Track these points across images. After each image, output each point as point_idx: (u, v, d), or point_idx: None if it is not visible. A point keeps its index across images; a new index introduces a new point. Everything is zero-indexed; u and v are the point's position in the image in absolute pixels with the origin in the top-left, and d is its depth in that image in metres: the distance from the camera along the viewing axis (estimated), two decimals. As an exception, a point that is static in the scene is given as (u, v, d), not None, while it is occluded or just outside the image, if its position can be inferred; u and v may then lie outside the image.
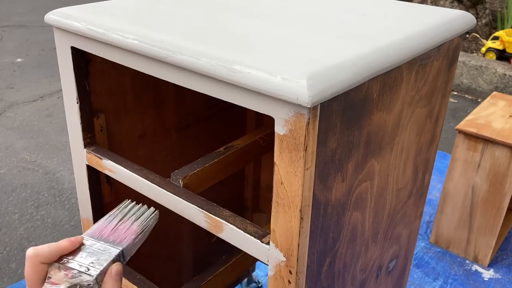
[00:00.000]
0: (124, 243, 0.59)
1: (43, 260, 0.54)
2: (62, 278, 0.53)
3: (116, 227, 0.61)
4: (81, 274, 0.53)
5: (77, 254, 0.56)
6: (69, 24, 0.74)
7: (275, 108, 0.55)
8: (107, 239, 0.59)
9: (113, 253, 0.56)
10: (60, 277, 0.53)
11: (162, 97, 1.03)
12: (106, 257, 0.56)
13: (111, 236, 0.59)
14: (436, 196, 2.06)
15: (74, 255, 0.56)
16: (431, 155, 0.94)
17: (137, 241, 0.61)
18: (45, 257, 0.54)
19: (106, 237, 0.59)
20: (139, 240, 0.61)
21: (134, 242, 0.60)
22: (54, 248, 0.55)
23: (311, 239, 0.63)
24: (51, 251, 0.54)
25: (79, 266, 0.54)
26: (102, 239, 0.58)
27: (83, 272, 0.53)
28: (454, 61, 0.87)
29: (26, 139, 2.55)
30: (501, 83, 3.11)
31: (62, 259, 0.55)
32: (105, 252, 0.56)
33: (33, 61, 3.61)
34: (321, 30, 0.71)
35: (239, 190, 1.39)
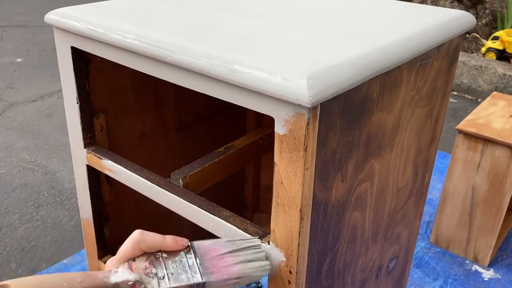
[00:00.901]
0: (213, 277, 0.56)
1: (144, 248, 0.56)
2: (140, 269, 0.54)
3: (222, 256, 0.57)
4: (154, 277, 0.54)
5: (170, 257, 0.56)
6: (69, 24, 0.74)
7: (275, 108, 0.55)
8: (204, 261, 0.57)
9: (195, 279, 0.55)
10: (140, 266, 0.55)
11: (162, 97, 1.03)
12: (185, 278, 0.55)
13: (210, 261, 0.57)
14: (436, 196, 2.06)
15: (169, 255, 0.56)
16: (431, 155, 0.94)
17: (228, 283, 0.57)
18: (147, 246, 0.56)
19: (205, 259, 0.57)
20: (231, 284, 0.57)
21: (223, 282, 0.56)
22: (158, 242, 0.56)
23: (311, 239, 0.63)
24: (155, 244, 0.56)
25: (160, 269, 0.55)
26: (201, 258, 0.57)
27: (158, 277, 0.54)
28: (454, 61, 0.87)
29: (26, 139, 2.55)
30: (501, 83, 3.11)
31: (158, 252, 0.56)
32: (190, 272, 0.55)
33: (33, 61, 3.61)
34: (321, 30, 0.71)
35: (239, 190, 1.39)
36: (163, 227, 1.16)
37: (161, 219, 1.13)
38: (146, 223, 1.09)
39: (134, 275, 0.54)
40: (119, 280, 0.53)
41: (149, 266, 0.55)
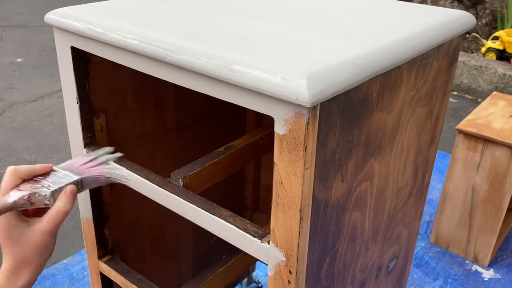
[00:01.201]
0: (85, 174, 0.73)
1: (20, 174, 0.67)
2: (27, 188, 0.67)
3: (84, 164, 0.74)
4: (42, 187, 0.67)
5: (46, 177, 0.70)
6: (69, 24, 0.74)
7: (275, 108, 0.55)
8: (73, 170, 0.72)
9: (72, 178, 0.71)
10: (26, 187, 0.67)
11: (162, 97, 1.03)
12: (66, 181, 0.70)
13: (77, 169, 0.73)
14: (436, 196, 2.06)
15: (44, 177, 0.70)
16: (431, 155, 0.94)
17: (98, 179, 0.75)
18: (22, 172, 0.68)
19: (72, 169, 0.73)
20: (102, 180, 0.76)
21: (94, 178, 0.74)
22: (29, 167, 0.69)
23: (311, 239, 0.63)
24: (28, 169, 0.69)
25: (43, 183, 0.68)
26: (69, 170, 0.72)
27: (45, 186, 0.68)
28: (454, 61, 0.87)
29: (26, 139, 2.55)
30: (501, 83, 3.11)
31: (34, 178, 0.69)
32: (67, 177, 0.71)
33: (33, 61, 3.61)
34: (321, 30, 0.71)
35: (239, 190, 1.39)
36: (163, 227, 1.16)
37: (161, 219, 1.13)
38: (146, 223, 1.09)
39: (25, 191, 0.66)
40: (16, 199, 0.65)
41: (33, 184, 0.68)
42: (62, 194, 0.68)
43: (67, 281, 1.62)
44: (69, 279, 1.63)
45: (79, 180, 0.71)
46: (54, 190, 0.67)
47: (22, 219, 0.66)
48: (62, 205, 0.67)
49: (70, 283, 1.61)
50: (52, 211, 0.67)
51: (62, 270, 1.67)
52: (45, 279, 1.63)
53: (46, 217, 0.66)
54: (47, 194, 0.67)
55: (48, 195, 0.67)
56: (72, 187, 0.69)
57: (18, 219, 0.65)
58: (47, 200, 0.67)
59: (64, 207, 0.67)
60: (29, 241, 0.65)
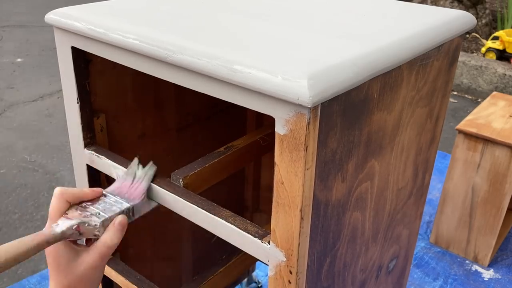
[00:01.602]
0: (135, 200, 0.69)
1: (68, 198, 0.64)
2: (76, 215, 0.63)
3: (131, 186, 0.71)
4: (92, 216, 0.63)
5: (95, 202, 0.66)
6: (69, 24, 0.74)
7: (275, 108, 0.55)
8: (123, 195, 0.69)
9: (123, 206, 0.66)
10: (75, 215, 0.63)
11: (162, 97, 1.03)
12: (116, 208, 0.65)
13: (126, 193, 0.69)
14: (436, 196, 2.06)
15: (93, 202, 0.66)
16: (431, 155, 0.94)
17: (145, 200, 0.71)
18: (70, 196, 0.64)
19: (122, 194, 0.69)
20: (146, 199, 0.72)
21: (143, 200, 0.70)
22: (78, 191, 0.65)
23: (311, 239, 0.63)
24: (75, 193, 0.65)
25: (92, 210, 0.64)
26: (119, 195, 0.68)
27: (94, 214, 0.63)
28: (454, 61, 0.87)
29: (26, 139, 2.55)
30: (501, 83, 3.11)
31: (82, 203, 0.65)
32: (117, 204, 0.66)
33: (33, 61, 3.61)
34: (322, 30, 0.71)
35: (239, 190, 1.39)
36: (163, 227, 1.16)
37: (161, 219, 1.13)
38: (146, 223, 1.09)
39: (74, 220, 0.62)
40: (64, 228, 0.61)
41: (82, 211, 0.64)
42: (111, 225, 0.64)
43: (67, 281, 1.62)
44: (69, 279, 1.63)
45: (130, 208, 0.67)
46: (104, 219, 0.63)
47: (71, 247, 0.63)
48: (109, 239, 0.63)
49: (70, 283, 1.61)
50: (99, 243, 0.63)
51: (62, 270, 1.67)
52: (45, 279, 1.63)
53: (92, 248, 0.63)
54: (97, 224, 0.62)
55: (98, 225, 0.62)
56: (122, 218, 0.65)
57: (67, 248, 0.62)
58: (97, 231, 0.63)
59: (111, 241, 0.63)
60: (76, 272, 0.62)
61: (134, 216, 0.68)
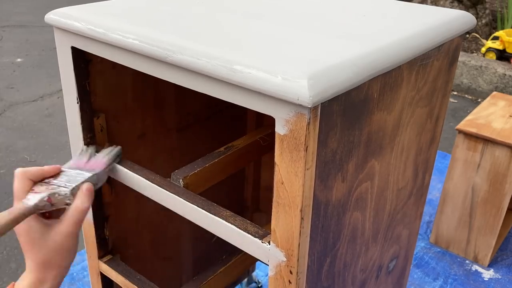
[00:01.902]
0: (96, 170, 0.73)
1: (30, 176, 0.66)
2: (44, 189, 0.66)
3: (88, 161, 0.75)
4: (59, 187, 0.67)
5: (57, 177, 0.69)
6: (69, 24, 0.74)
7: (275, 108, 0.55)
8: (81, 168, 0.73)
9: (86, 175, 0.70)
10: (42, 189, 0.66)
11: (162, 97, 1.03)
12: (81, 178, 0.69)
13: (85, 166, 0.73)
14: (436, 196, 2.06)
15: (55, 177, 0.69)
16: (431, 155, 0.94)
17: (107, 171, 0.76)
18: (31, 174, 0.66)
19: (80, 167, 0.73)
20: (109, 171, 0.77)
21: (104, 170, 0.75)
22: (39, 169, 0.67)
23: (311, 239, 0.63)
24: (37, 171, 0.67)
25: (58, 183, 0.67)
26: (78, 169, 0.72)
27: (61, 186, 0.67)
28: (454, 61, 0.87)
29: (26, 139, 2.54)
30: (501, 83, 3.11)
31: (45, 180, 0.68)
32: (80, 175, 0.70)
33: (33, 61, 3.61)
34: (322, 30, 0.71)
35: (239, 190, 1.39)
36: (163, 227, 1.16)
37: (161, 219, 1.13)
38: (146, 223, 1.09)
39: (44, 193, 0.65)
40: (36, 201, 0.63)
41: (47, 186, 0.66)
42: (80, 192, 0.67)
43: (67, 281, 1.62)
44: (69, 279, 1.63)
45: (93, 177, 0.71)
46: (72, 188, 0.67)
47: (42, 222, 0.64)
48: (80, 203, 0.66)
49: (70, 283, 1.61)
50: (71, 210, 0.65)
51: (62, 270, 1.67)
52: (45, 279, 1.63)
53: (65, 217, 0.65)
54: (67, 193, 0.66)
55: (68, 193, 0.66)
56: (88, 184, 0.69)
57: (38, 223, 0.64)
58: (68, 199, 0.66)
59: (82, 205, 0.66)
60: (51, 244, 0.64)
61: (98, 185, 0.73)
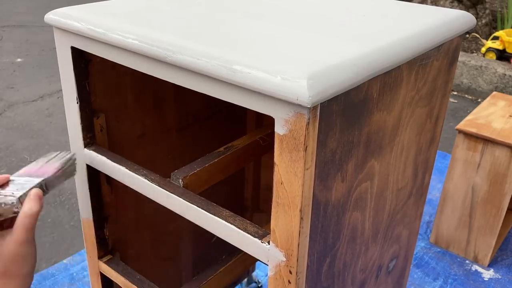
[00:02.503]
0: (45, 175, 0.71)
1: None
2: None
3: (40, 167, 0.73)
4: (6, 196, 0.65)
5: (5, 187, 0.68)
6: (69, 24, 0.74)
7: (275, 108, 0.55)
8: (31, 175, 0.71)
9: (35, 181, 0.69)
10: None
11: (162, 97, 1.03)
12: (29, 185, 0.68)
13: (35, 173, 0.71)
14: (436, 196, 2.06)
15: (2, 188, 0.67)
16: (431, 155, 0.94)
17: (58, 175, 0.73)
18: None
19: (30, 174, 0.71)
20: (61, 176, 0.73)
21: (55, 175, 0.72)
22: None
23: (311, 239, 0.63)
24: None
25: (4, 192, 0.66)
26: (27, 176, 0.70)
27: (8, 195, 0.65)
28: (454, 61, 0.87)
29: (26, 139, 2.55)
30: (501, 83, 3.11)
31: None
32: (28, 182, 0.68)
33: (33, 61, 3.61)
34: (321, 30, 0.71)
35: (239, 190, 1.39)
36: (163, 227, 1.16)
37: (161, 219, 1.13)
38: (146, 223, 1.09)
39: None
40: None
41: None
42: (27, 198, 0.65)
43: (67, 281, 1.62)
44: (69, 279, 1.63)
45: (42, 182, 0.69)
46: (20, 196, 0.65)
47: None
48: (28, 209, 0.64)
49: (70, 283, 1.61)
50: (19, 217, 0.64)
51: (62, 270, 1.67)
52: (45, 279, 1.63)
53: (16, 225, 0.63)
54: (14, 202, 0.65)
55: (15, 202, 0.65)
56: (36, 189, 0.67)
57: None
58: (15, 208, 0.65)
59: (30, 210, 0.64)
60: (6, 253, 0.63)
61: (48, 190, 0.71)
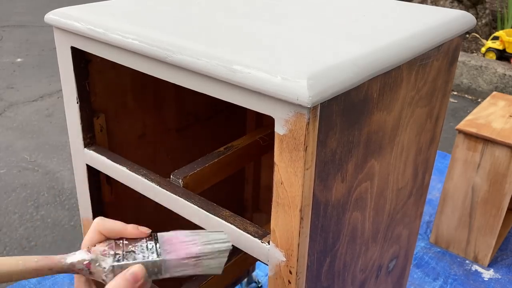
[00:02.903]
0: (170, 255, 0.55)
1: (104, 232, 0.56)
2: (97, 251, 0.54)
3: (184, 242, 0.57)
4: (110, 256, 0.54)
5: (131, 243, 0.56)
6: (69, 24, 0.74)
7: (275, 108, 0.55)
8: (164, 245, 0.56)
9: (150, 257, 0.54)
10: (97, 250, 0.54)
11: (162, 97, 1.03)
12: (141, 257, 0.54)
13: (170, 246, 0.56)
14: (436, 196, 2.06)
15: (130, 242, 0.56)
16: (431, 155, 0.94)
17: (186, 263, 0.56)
18: (107, 230, 0.56)
19: (166, 243, 0.56)
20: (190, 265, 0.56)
21: (181, 261, 0.55)
22: (119, 227, 0.56)
23: (311, 239, 0.63)
24: (115, 228, 0.56)
25: (118, 251, 0.54)
26: (161, 243, 0.56)
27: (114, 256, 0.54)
28: (454, 61, 0.87)
29: (26, 139, 2.55)
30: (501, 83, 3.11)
31: (121, 239, 0.56)
32: (148, 253, 0.55)
33: (33, 61, 3.61)
34: (321, 30, 0.71)
35: (239, 190, 1.39)
36: (163, 227, 1.16)
37: (161, 219, 1.13)
38: (146, 223, 1.09)
39: (90, 255, 0.54)
40: (75, 261, 0.53)
41: (107, 249, 0.54)
42: (121, 274, 0.52)
43: (67, 281, 1.62)
44: (69, 279, 1.63)
45: (157, 262, 0.54)
46: (116, 265, 0.53)
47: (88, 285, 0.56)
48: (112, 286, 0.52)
49: (70, 283, 1.61)
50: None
51: (62, 270, 1.67)
52: (45, 279, 1.63)
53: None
54: (106, 268, 0.53)
55: (107, 268, 0.53)
56: (138, 268, 0.53)
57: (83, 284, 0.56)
58: (104, 275, 0.53)
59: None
60: None
61: (162, 274, 0.55)
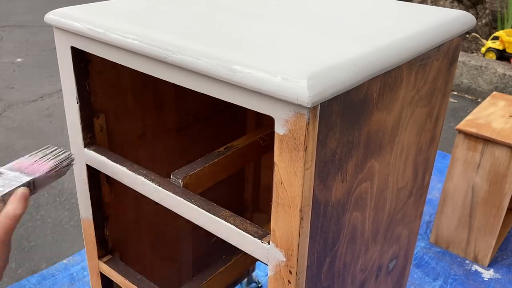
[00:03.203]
0: (37, 174, 0.68)
1: None
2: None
3: (33, 163, 0.70)
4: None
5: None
6: (69, 24, 0.74)
7: (275, 108, 0.55)
8: (22, 170, 0.68)
9: (23, 179, 0.66)
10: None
11: (162, 97, 1.03)
12: (16, 183, 0.65)
13: (26, 169, 0.68)
14: (436, 196, 2.06)
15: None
16: (431, 155, 0.94)
17: (50, 175, 0.70)
18: None
19: (21, 169, 0.68)
20: (53, 176, 0.71)
21: (46, 175, 0.69)
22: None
23: (311, 239, 0.63)
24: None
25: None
26: (18, 171, 0.68)
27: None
28: (454, 61, 0.87)
29: (26, 139, 2.54)
30: (501, 83, 3.11)
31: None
32: (17, 179, 0.66)
33: (33, 61, 3.61)
34: (321, 30, 0.71)
35: (239, 190, 1.39)
36: (163, 227, 1.16)
37: (161, 219, 1.13)
38: (146, 223, 1.09)
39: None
40: None
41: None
42: (13, 197, 0.63)
43: (67, 281, 1.62)
44: (69, 279, 1.63)
45: (30, 181, 0.66)
46: (4, 194, 0.63)
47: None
48: (12, 210, 0.61)
49: (70, 283, 1.61)
50: (1, 217, 0.61)
51: (62, 270, 1.67)
52: (45, 279, 1.63)
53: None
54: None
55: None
56: (24, 189, 0.64)
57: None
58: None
59: (13, 212, 0.61)
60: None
61: (36, 190, 0.68)
